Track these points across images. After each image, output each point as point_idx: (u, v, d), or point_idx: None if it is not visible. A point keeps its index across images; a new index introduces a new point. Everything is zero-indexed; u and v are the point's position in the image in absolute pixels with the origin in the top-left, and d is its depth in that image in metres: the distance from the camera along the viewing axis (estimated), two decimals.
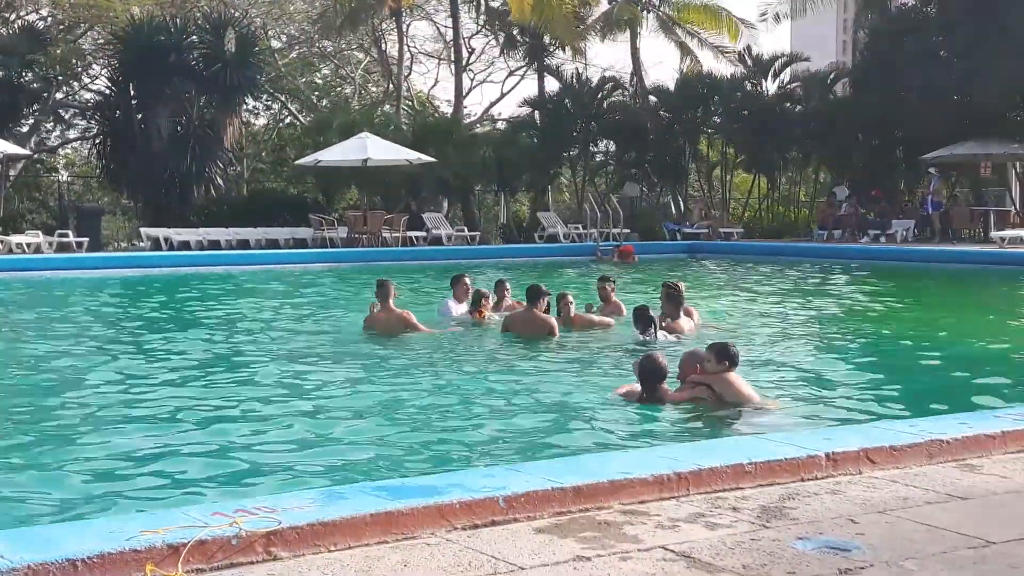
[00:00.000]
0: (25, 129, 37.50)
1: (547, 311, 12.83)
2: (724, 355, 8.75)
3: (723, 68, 40.08)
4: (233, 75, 33.24)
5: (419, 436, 7.93)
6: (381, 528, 4.49)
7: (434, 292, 18.53)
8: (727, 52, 40.13)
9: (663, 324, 12.78)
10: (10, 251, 27.52)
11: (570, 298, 13.49)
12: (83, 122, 40.58)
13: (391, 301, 13.07)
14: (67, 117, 40.80)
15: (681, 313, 12.88)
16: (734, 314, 15.81)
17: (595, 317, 13.60)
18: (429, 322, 13.44)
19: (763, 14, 40.94)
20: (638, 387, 8.79)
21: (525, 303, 13.19)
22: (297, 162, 35.95)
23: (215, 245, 30.13)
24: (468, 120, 44.24)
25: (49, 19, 40.62)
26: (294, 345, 12.81)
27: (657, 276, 23.28)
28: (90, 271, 24.41)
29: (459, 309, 14.04)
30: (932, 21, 34.27)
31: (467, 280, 14.36)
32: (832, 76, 38.15)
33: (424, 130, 36.60)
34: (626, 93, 39.76)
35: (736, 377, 8.72)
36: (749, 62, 38.31)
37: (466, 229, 34.51)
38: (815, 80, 37.70)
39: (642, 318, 12.21)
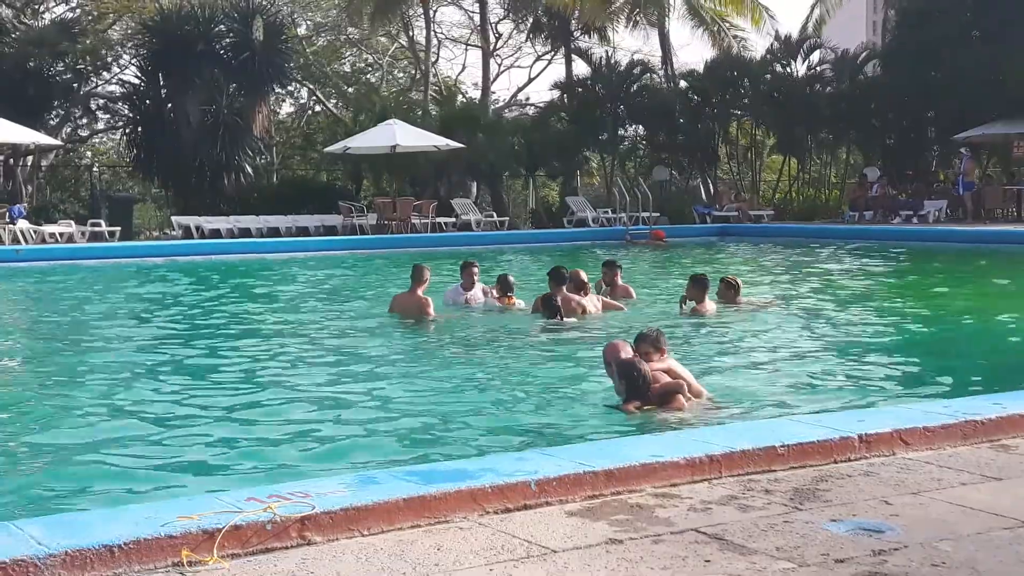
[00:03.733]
0: (56, 120, 37.76)
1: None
2: (661, 343, 8.34)
3: (754, 48, 40.03)
4: (261, 63, 33.32)
5: (450, 421, 7.95)
6: (414, 512, 4.51)
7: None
8: (746, 41, 40.19)
9: (683, 306, 12.82)
10: (43, 241, 27.73)
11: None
12: (113, 113, 40.80)
13: (420, 286, 13.16)
14: (96, 108, 41.01)
15: (706, 297, 12.86)
16: (757, 295, 15.74)
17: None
18: (437, 309, 13.45)
19: (804, 28, 40.78)
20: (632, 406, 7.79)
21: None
22: (326, 149, 36.06)
23: (246, 233, 30.26)
24: (496, 105, 44.18)
25: (78, 10, 40.86)
26: (325, 332, 12.88)
27: (687, 259, 23.26)
28: (122, 259, 24.58)
29: (466, 296, 13.99)
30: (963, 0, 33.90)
31: (475, 269, 14.32)
32: (863, 57, 37.83)
33: (452, 116, 36.57)
34: (655, 77, 39.60)
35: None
36: (777, 44, 38.11)
37: (495, 214, 34.49)
38: (845, 61, 37.42)
39: (547, 306, 12.33)
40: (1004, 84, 30.92)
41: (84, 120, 41.93)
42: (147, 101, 34.92)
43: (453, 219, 32.81)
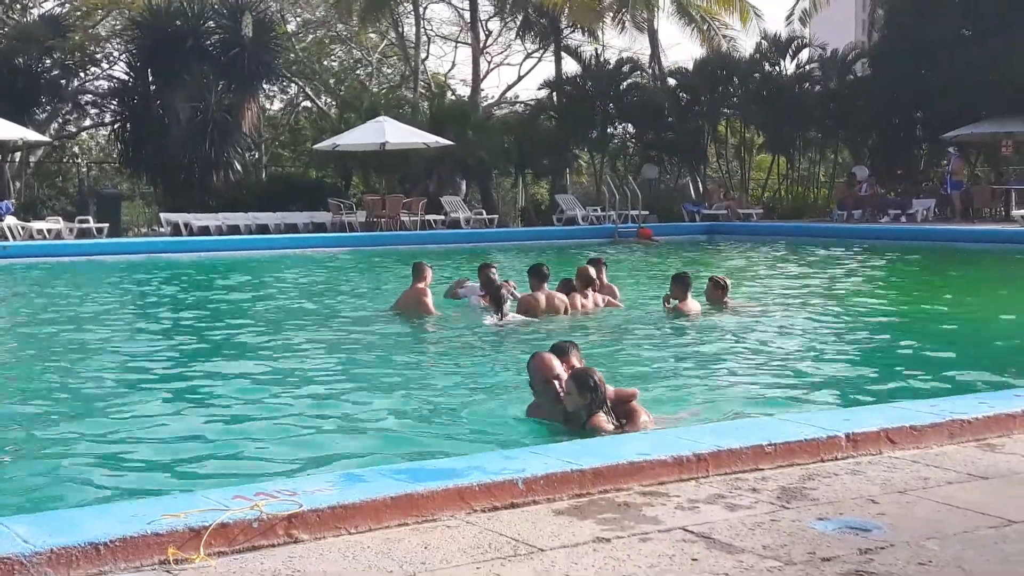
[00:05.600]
0: (44, 116, 37.64)
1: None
2: (580, 355, 7.87)
3: (743, 47, 40.09)
4: (251, 60, 33.26)
5: (438, 419, 7.94)
6: (401, 511, 4.50)
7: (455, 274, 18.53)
8: (736, 40, 40.27)
9: (667, 305, 12.79)
10: (31, 237, 27.65)
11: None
12: (102, 108, 40.68)
13: (420, 283, 13.18)
14: (85, 103, 40.90)
15: (689, 296, 12.81)
16: (748, 296, 15.76)
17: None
18: (451, 307, 13.48)
19: (788, 17, 40.89)
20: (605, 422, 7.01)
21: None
22: (315, 147, 36.00)
23: (234, 230, 30.22)
24: (486, 103, 44.17)
25: (67, 6, 40.73)
26: (312, 329, 12.84)
27: (677, 257, 23.29)
28: (111, 256, 24.53)
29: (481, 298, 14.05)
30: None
31: (492, 271, 14.11)
32: (852, 56, 37.88)
33: (442, 113, 36.56)
34: (645, 75, 39.63)
35: None
36: (766, 43, 38.16)
37: (484, 212, 34.48)
38: (834, 60, 37.48)
39: (492, 299, 12.34)
40: (992, 83, 30.83)
41: (72, 116, 41.80)
42: (135, 97, 34.83)
43: (442, 217, 32.79)
